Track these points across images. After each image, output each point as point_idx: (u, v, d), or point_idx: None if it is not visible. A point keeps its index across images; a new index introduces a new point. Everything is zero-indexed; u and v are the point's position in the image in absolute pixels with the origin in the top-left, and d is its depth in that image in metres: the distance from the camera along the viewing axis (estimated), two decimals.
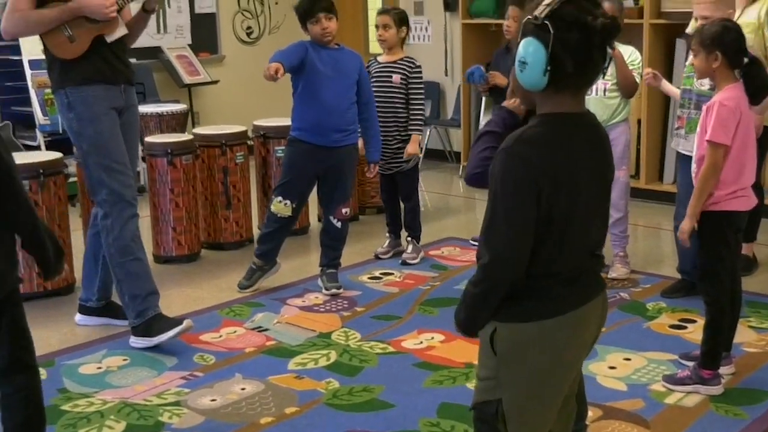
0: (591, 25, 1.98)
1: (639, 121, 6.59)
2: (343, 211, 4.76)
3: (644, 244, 5.71)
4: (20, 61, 6.82)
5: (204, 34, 8.50)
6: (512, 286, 2.05)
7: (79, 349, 4.09)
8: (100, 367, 3.87)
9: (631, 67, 4.64)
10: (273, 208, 4.66)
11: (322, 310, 4.53)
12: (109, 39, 3.97)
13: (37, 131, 6.89)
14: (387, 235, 5.49)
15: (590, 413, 3.32)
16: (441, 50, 8.19)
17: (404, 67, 5.11)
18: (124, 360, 3.95)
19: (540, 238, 2.03)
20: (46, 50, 3.98)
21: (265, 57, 4.60)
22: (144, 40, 8.01)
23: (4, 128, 6.78)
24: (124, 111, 4.10)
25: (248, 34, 8.76)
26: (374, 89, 4.94)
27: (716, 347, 3.50)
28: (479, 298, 2.09)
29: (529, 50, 1.99)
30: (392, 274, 5.08)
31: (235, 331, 4.25)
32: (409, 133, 5.13)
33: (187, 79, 8.02)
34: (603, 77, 2.27)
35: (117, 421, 3.36)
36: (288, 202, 4.62)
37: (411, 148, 5.11)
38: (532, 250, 2.04)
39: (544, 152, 2.01)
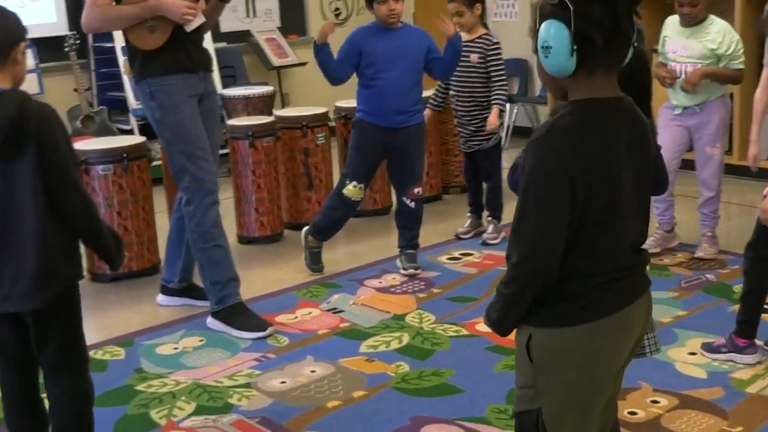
0: None
1: (731, 95, 6.24)
2: (415, 190, 4.64)
3: (737, 222, 5.41)
4: (113, 48, 6.91)
5: (292, 16, 8.47)
6: (545, 286, 1.89)
7: (158, 329, 4.11)
8: (176, 348, 3.88)
9: (734, 60, 4.43)
10: (346, 192, 4.57)
11: (398, 291, 4.44)
12: (188, 29, 3.95)
13: (131, 115, 6.99)
14: (468, 214, 5.35)
15: (665, 401, 3.15)
16: (528, 27, 7.93)
17: (481, 45, 4.94)
18: (201, 341, 3.94)
19: (574, 236, 1.87)
20: (127, 42, 3.99)
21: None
22: (233, 24, 8.11)
23: (100, 113, 6.89)
24: (204, 98, 4.08)
25: (336, 15, 8.69)
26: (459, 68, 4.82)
27: (754, 316, 3.38)
28: (510, 298, 1.93)
29: (551, 32, 1.82)
30: (472, 254, 4.95)
31: (310, 312, 4.20)
32: (491, 107, 4.97)
33: (276, 61, 8.01)
34: (660, 53, 2.06)
35: (187, 402, 3.34)
36: (361, 185, 4.54)
37: (492, 119, 4.93)
38: (566, 249, 1.87)
39: (578, 142, 1.84)
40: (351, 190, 4.55)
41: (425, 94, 4.90)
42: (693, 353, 3.53)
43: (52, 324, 2.59)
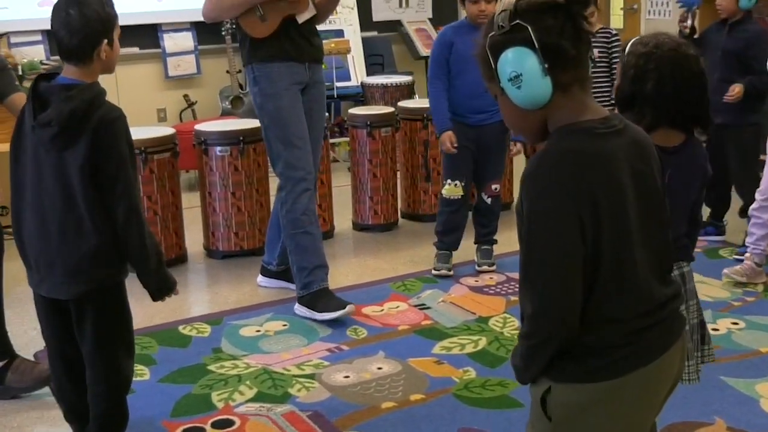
0: (559, 1, 1.57)
1: None
2: (493, 187, 4.40)
3: None
4: None
5: (444, 6, 8.24)
6: (569, 336, 1.61)
7: (248, 310, 4.05)
8: (258, 330, 3.80)
9: None
10: (444, 192, 4.35)
11: (491, 292, 4.18)
12: (300, 20, 3.88)
13: None
14: None
15: None
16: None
17: (602, 39, 4.59)
18: (284, 326, 3.85)
19: (591, 277, 1.59)
20: (238, 27, 3.95)
21: None
22: (385, 14, 8.00)
23: (249, 94, 6.96)
24: (309, 88, 3.98)
25: None
26: None
27: None
28: (532, 351, 1.65)
29: (516, 59, 1.57)
30: None
31: (397, 306, 4.02)
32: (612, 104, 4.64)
33: (423, 51, 7.82)
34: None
35: (250, 388, 3.25)
36: (457, 182, 4.30)
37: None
38: (587, 298, 1.59)
39: (576, 170, 1.56)
40: (447, 189, 4.33)
41: None
42: None
43: (87, 318, 2.53)
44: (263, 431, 2.95)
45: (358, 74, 7.34)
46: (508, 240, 4.59)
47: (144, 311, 4.09)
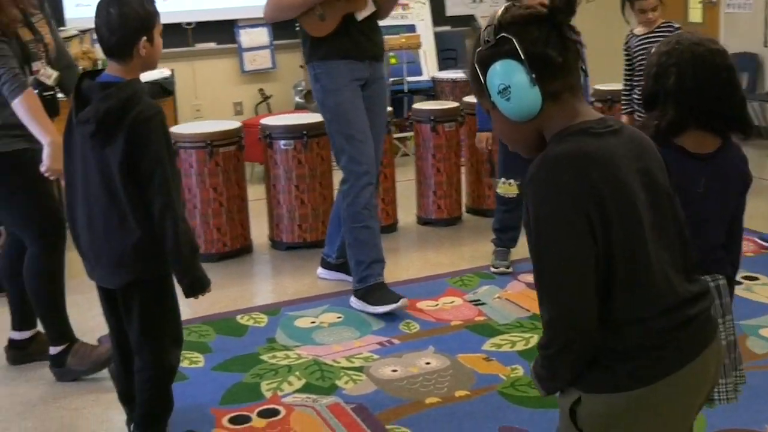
0: (543, 12, 1.55)
1: None
2: None
3: None
4: None
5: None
6: (588, 341, 1.54)
7: (305, 301, 4.07)
8: (313, 322, 3.81)
9: None
10: (499, 190, 4.28)
11: None
12: (359, 17, 3.87)
13: None
14: None
15: None
16: (761, 20, 7.08)
17: (665, 34, 4.41)
18: (338, 318, 3.85)
19: (607, 278, 1.53)
20: (300, 27, 3.97)
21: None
22: (459, 9, 7.92)
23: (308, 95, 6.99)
24: (370, 84, 3.98)
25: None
26: (638, 62, 4.40)
27: None
28: (552, 360, 1.59)
29: (504, 71, 1.54)
30: None
31: (452, 302, 3.98)
32: None
33: None
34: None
35: (298, 378, 3.26)
36: (511, 180, 4.22)
37: None
38: (604, 298, 1.53)
39: (580, 170, 1.51)
40: (502, 187, 4.26)
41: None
42: None
43: (133, 308, 2.58)
44: (307, 422, 2.95)
45: (429, 69, 7.29)
46: None
47: (205, 300, 4.15)
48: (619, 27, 4.67)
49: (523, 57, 1.52)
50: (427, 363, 3.35)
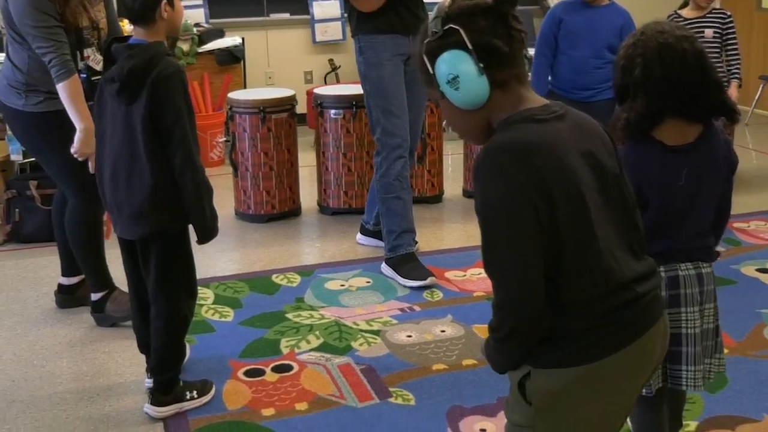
0: (488, 2, 1.52)
1: None
2: None
3: None
4: None
5: None
6: (537, 325, 1.52)
7: (340, 264, 4.09)
8: (343, 285, 3.82)
9: None
10: None
11: None
12: None
13: None
14: None
15: None
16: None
17: (716, 20, 4.25)
18: (367, 282, 3.85)
19: (555, 263, 1.50)
20: (347, 1, 3.95)
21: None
22: None
23: None
24: (412, 59, 3.94)
25: None
26: None
27: None
28: (504, 342, 1.56)
29: (452, 62, 1.52)
30: None
31: (480, 273, 3.92)
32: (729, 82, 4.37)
33: None
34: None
35: (317, 338, 3.29)
36: None
37: (732, 91, 4.38)
38: (550, 278, 1.50)
39: (523, 158, 1.47)
40: None
41: None
42: None
43: (151, 259, 2.64)
44: (316, 378, 2.97)
45: None
46: None
47: (246, 258, 4.22)
48: (667, 9, 4.50)
49: (470, 47, 1.50)
50: (442, 331, 3.33)
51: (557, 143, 1.51)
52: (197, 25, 6.46)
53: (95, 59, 3.31)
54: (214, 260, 4.15)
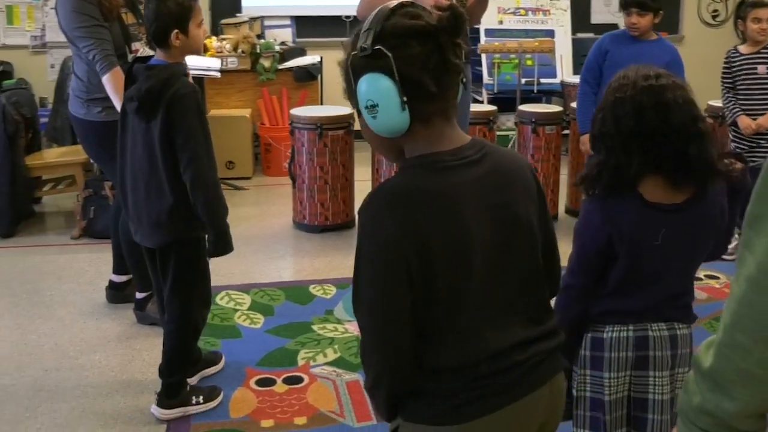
0: (429, 26, 1.27)
1: None
2: None
3: None
4: (476, 29, 6.72)
5: (666, 13, 7.47)
6: (399, 384, 1.36)
7: None
8: None
9: None
10: None
11: None
12: None
13: (483, 88, 6.78)
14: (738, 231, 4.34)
15: None
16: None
17: None
18: None
19: (426, 323, 1.32)
20: None
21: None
22: (604, 17, 7.44)
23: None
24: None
25: (713, 17, 7.51)
26: (740, 81, 3.96)
27: None
28: (370, 392, 1.41)
29: (374, 88, 1.28)
30: (718, 278, 4.01)
31: None
32: None
33: None
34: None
35: (335, 352, 3.17)
36: None
37: (763, 120, 3.98)
38: (423, 340, 1.33)
39: (405, 211, 1.28)
40: None
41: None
42: None
43: (168, 266, 2.60)
44: (322, 393, 2.86)
45: (564, 72, 6.90)
46: None
47: (290, 267, 4.15)
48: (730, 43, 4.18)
49: (396, 78, 1.28)
50: None
51: (452, 196, 1.31)
52: (282, 43, 6.46)
53: (144, 53, 3.32)
54: (262, 266, 4.09)
